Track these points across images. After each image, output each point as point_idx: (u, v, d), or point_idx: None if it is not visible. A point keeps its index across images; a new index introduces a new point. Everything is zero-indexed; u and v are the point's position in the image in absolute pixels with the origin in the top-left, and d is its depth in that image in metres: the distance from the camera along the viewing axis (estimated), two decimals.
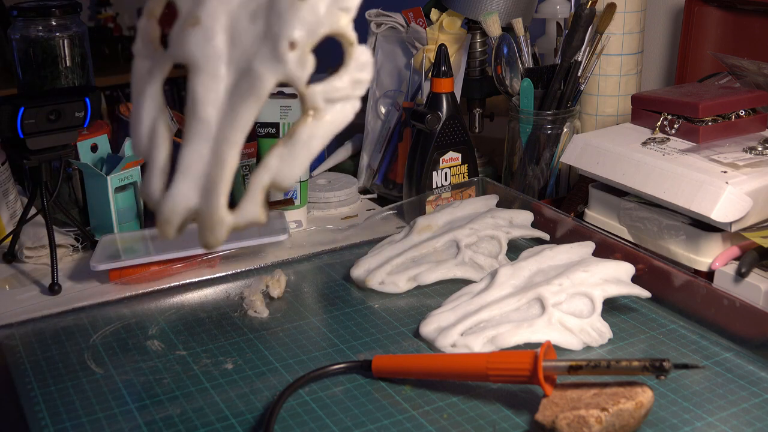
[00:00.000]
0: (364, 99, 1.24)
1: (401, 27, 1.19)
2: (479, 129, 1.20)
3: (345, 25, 0.40)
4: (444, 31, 1.14)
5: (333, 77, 0.41)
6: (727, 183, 0.78)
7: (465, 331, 0.73)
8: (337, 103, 0.41)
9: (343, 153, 1.25)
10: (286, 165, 0.41)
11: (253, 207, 0.41)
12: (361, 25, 1.16)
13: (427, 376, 0.68)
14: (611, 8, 1.00)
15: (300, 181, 1.02)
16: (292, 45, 0.39)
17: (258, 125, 1.02)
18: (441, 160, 1.03)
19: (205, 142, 0.40)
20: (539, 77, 1.03)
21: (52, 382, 0.70)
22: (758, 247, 0.79)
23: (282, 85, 0.41)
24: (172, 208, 0.41)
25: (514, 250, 0.88)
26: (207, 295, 0.86)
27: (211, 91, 0.40)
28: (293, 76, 0.39)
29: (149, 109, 0.42)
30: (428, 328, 0.75)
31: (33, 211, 0.93)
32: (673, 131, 0.91)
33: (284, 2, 0.39)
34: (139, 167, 1.00)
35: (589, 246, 0.82)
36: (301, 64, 0.39)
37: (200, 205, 0.41)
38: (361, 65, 0.41)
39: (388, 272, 0.85)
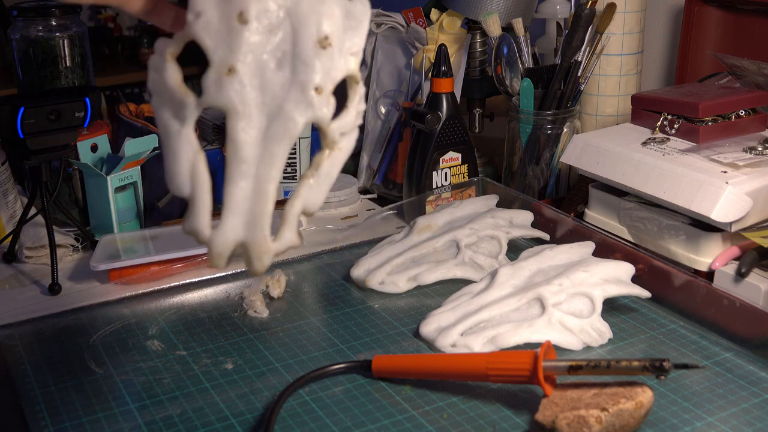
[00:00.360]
0: (364, 99, 1.24)
1: (401, 27, 1.19)
2: (479, 129, 1.20)
3: (355, 67, 0.46)
4: (444, 31, 1.14)
5: (344, 113, 0.47)
6: (727, 183, 0.78)
7: (465, 331, 0.73)
8: (347, 135, 0.48)
9: None
10: (313, 194, 0.47)
11: (290, 234, 0.47)
12: None
13: (427, 376, 0.68)
14: (611, 8, 1.00)
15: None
16: (318, 89, 0.44)
17: None
18: (441, 160, 1.03)
19: (247, 180, 0.45)
20: (539, 77, 1.03)
21: (52, 382, 0.70)
22: (758, 247, 0.79)
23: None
24: (224, 243, 0.45)
25: (514, 250, 0.88)
26: (207, 295, 0.86)
27: (248, 135, 0.44)
28: (320, 117, 0.45)
29: (187, 151, 0.45)
30: (428, 328, 0.75)
31: (33, 211, 0.93)
32: (673, 131, 0.91)
33: (308, 51, 0.44)
34: (138, 167, 1.00)
35: (589, 246, 0.83)
36: (326, 105, 0.45)
37: (247, 238, 0.45)
38: (360, 99, 0.48)
39: (388, 272, 0.85)
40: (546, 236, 0.91)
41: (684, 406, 0.64)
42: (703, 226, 0.81)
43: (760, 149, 0.85)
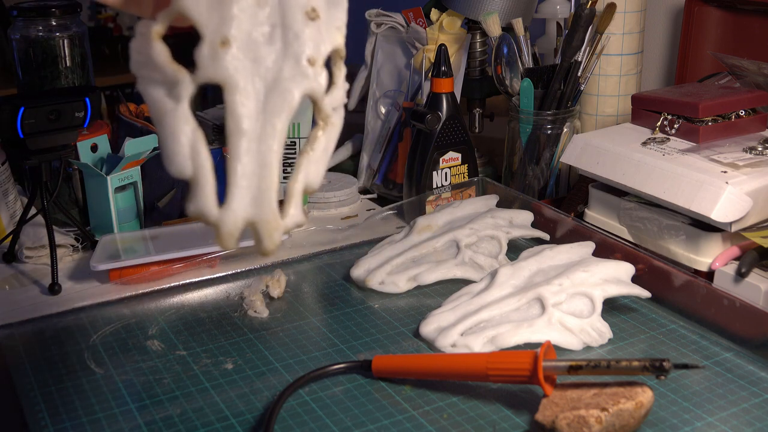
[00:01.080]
0: (364, 99, 1.24)
1: (401, 27, 1.19)
2: (479, 129, 1.20)
3: (341, 41, 0.46)
4: (444, 31, 1.14)
5: (334, 88, 0.46)
6: (727, 183, 0.78)
7: (465, 331, 0.73)
8: (337, 110, 0.47)
9: (343, 153, 1.25)
10: (313, 169, 0.46)
11: (296, 211, 0.45)
12: (361, 25, 1.16)
13: (427, 376, 0.68)
14: (611, 8, 1.00)
15: None
16: (310, 60, 0.44)
17: None
18: (441, 160, 1.03)
19: (250, 155, 0.43)
20: (539, 77, 1.03)
21: (52, 382, 0.70)
22: (758, 247, 0.79)
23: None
24: (234, 221, 0.43)
25: (514, 250, 0.88)
26: (207, 295, 0.86)
27: (247, 108, 0.43)
28: (315, 89, 0.45)
29: (185, 130, 0.43)
30: (428, 328, 0.75)
31: (33, 211, 0.93)
32: (673, 131, 0.91)
33: (298, 23, 0.44)
34: (138, 167, 1.00)
35: (589, 246, 0.82)
36: (320, 76, 0.45)
37: (256, 215, 0.44)
38: (343, 76, 0.48)
39: (388, 272, 0.85)
40: (546, 236, 0.91)
41: (684, 406, 0.64)
42: (703, 226, 0.81)
43: (760, 149, 0.85)
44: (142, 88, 0.44)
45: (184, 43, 0.56)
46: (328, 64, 0.46)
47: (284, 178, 1.10)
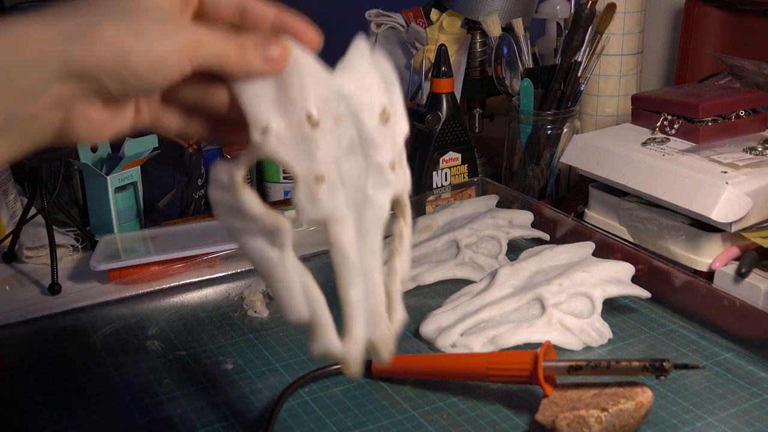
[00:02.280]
0: None
1: (401, 27, 1.19)
2: (479, 129, 1.20)
3: (407, 127, 0.45)
4: (444, 31, 1.14)
5: (403, 173, 0.45)
6: (727, 183, 0.78)
7: (465, 331, 0.73)
8: (407, 190, 0.47)
9: None
10: (405, 265, 0.48)
11: (401, 313, 0.47)
12: (361, 25, 1.16)
13: (427, 376, 0.68)
14: (611, 8, 1.00)
15: None
16: (392, 165, 0.44)
17: None
18: (441, 160, 1.03)
19: (359, 278, 0.44)
20: (539, 77, 1.03)
21: (52, 382, 0.70)
22: (758, 247, 0.79)
23: None
24: (357, 351, 0.45)
25: (514, 250, 0.88)
26: (207, 295, 0.86)
27: (349, 235, 0.44)
28: (400, 191, 0.45)
29: (295, 278, 0.44)
30: (428, 328, 0.75)
31: (33, 211, 0.93)
32: (673, 131, 0.91)
33: (374, 131, 0.43)
34: (138, 167, 1.00)
35: (589, 246, 0.82)
36: (402, 178, 0.45)
37: (373, 335, 0.45)
38: (404, 155, 0.46)
39: None
40: (546, 236, 0.91)
41: (684, 406, 0.64)
42: (703, 226, 0.81)
43: (760, 149, 0.85)
44: (239, 241, 0.43)
45: None
46: None
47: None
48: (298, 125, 0.40)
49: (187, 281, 0.88)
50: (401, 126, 0.44)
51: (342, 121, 0.42)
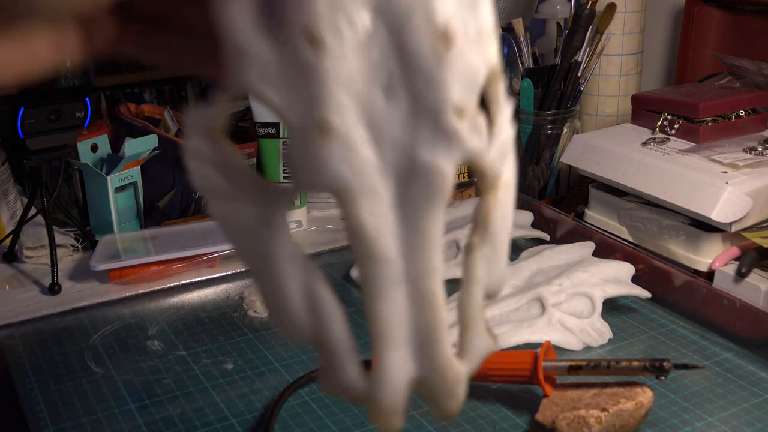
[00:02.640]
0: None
1: None
2: None
3: (496, 55, 0.28)
4: None
5: (495, 131, 0.29)
6: (727, 183, 0.78)
7: None
8: (508, 156, 0.30)
9: None
10: (493, 267, 0.31)
11: (481, 340, 0.32)
12: None
13: None
14: (611, 8, 1.00)
15: None
16: (459, 111, 0.27)
17: (258, 125, 1.02)
18: None
19: (398, 286, 0.29)
20: (539, 77, 1.03)
21: (52, 382, 0.70)
22: (758, 247, 0.79)
23: None
24: (394, 392, 0.30)
25: (514, 250, 0.88)
26: (207, 295, 0.86)
27: (381, 217, 0.28)
28: (473, 151, 0.28)
29: (292, 274, 0.29)
30: None
31: (33, 211, 0.93)
32: (673, 131, 0.91)
33: (427, 58, 0.27)
34: (138, 167, 1.00)
35: (589, 246, 0.82)
36: (476, 131, 0.28)
37: (423, 371, 0.30)
38: (507, 100, 0.30)
39: None
40: (546, 236, 0.91)
41: (684, 406, 0.64)
42: (703, 226, 0.81)
43: (760, 149, 0.85)
44: (215, 215, 0.29)
45: None
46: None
47: None
48: (293, 47, 0.26)
49: (187, 281, 0.88)
50: (482, 54, 0.27)
51: (372, 43, 0.26)
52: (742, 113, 0.91)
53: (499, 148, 0.29)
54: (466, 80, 0.27)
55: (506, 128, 0.30)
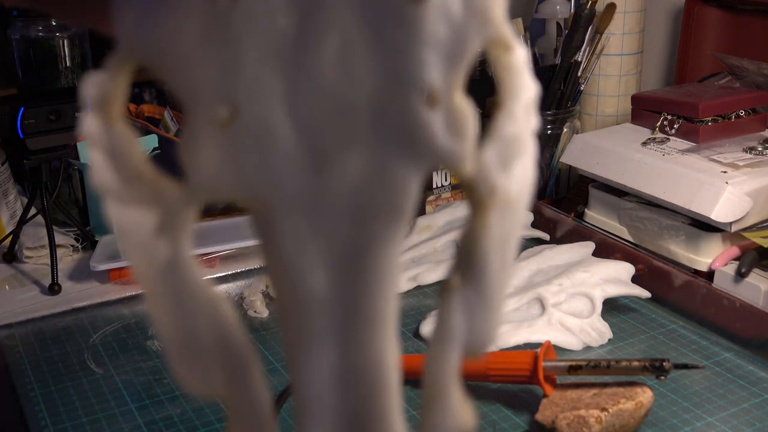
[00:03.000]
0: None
1: None
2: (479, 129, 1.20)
3: (500, 19, 0.20)
4: None
5: (500, 119, 0.23)
6: (727, 183, 0.78)
7: None
8: (515, 161, 0.22)
9: None
10: (477, 314, 0.22)
11: (450, 418, 0.25)
12: None
13: None
14: (611, 8, 1.00)
15: None
16: (431, 98, 0.20)
17: None
18: None
19: (328, 345, 0.21)
20: (539, 77, 1.02)
21: (52, 382, 0.70)
22: (758, 247, 0.79)
23: None
24: None
25: None
26: None
27: (307, 242, 0.20)
28: (451, 156, 0.21)
29: (191, 303, 0.23)
30: (428, 328, 0.75)
31: (33, 211, 0.93)
32: (673, 131, 0.91)
33: (391, 16, 0.19)
34: None
35: (589, 246, 0.82)
36: (454, 127, 0.21)
37: None
38: (525, 76, 0.23)
39: None
40: (546, 236, 0.91)
41: (684, 406, 0.64)
42: (703, 226, 0.81)
43: (760, 149, 0.85)
44: (111, 217, 0.22)
45: None
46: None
47: None
48: None
49: None
50: (478, 17, 0.20)
51: None
52: (742, 113, 0.91)
53: (498, 149, 0.22)
54: (443, 47, 0.19)
55: (515, 121, 0.22)
